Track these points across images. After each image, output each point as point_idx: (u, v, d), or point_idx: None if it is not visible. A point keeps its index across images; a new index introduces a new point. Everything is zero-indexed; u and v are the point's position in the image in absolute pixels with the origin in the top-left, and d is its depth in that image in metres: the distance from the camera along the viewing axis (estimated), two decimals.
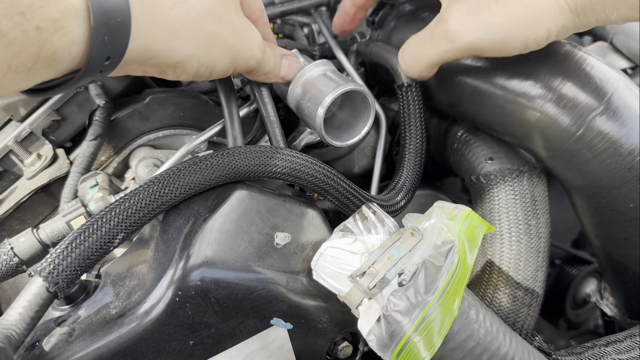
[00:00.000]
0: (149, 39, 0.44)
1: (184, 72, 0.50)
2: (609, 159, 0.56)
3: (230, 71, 0.54)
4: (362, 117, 0.62)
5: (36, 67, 0.36)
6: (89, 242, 0.45)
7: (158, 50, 0.45)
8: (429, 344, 0.45)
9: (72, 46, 0.38)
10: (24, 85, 0.39)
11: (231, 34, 0.51)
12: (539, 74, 0.58)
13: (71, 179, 0.63)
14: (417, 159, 0.69)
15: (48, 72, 0.38)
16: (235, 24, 0.52)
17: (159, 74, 0.50)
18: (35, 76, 0.38)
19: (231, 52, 0.52)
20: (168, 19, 0.45)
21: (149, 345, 0.46)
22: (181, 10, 0.46)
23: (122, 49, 0.41)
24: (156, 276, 0.48)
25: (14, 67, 0.35)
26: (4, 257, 0.52)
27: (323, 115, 0.57)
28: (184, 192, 0.49)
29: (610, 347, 0.56)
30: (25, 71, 0.36)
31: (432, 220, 0.50)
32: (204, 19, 0.48)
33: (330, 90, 0.57)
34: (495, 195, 0.68)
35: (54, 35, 0.36)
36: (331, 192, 0.55)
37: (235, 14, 0.52)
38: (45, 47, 0.36)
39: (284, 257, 0.52)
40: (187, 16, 0.46)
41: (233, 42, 0.52)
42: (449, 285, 0.46)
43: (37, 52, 0.35)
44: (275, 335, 0.53)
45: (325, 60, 0.62)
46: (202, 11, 0.47)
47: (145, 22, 0.42)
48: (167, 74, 0.50)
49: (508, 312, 0.67)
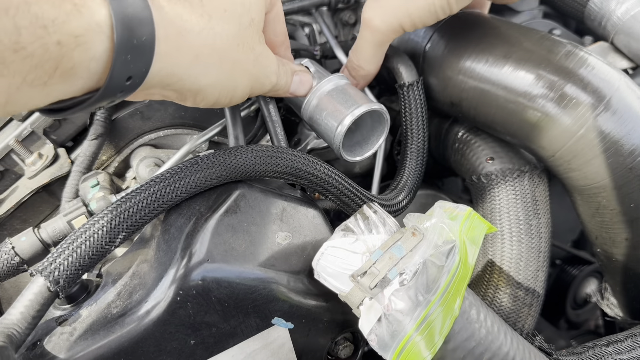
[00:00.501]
0: (173, 63, 0.42)
1: (204, 100, 0.49)
2: (610, 159, 0.56)
3: (247, 96, 0.54)
4: (376, 131, 0.63)
5: (52, 82, 0.35)
6: (91, 241, 0.45)
7: (181, 75, 0.44)
8: (430, 343, 0.45)
9: (92, 62, 0.36)
10: (39, 102, 0.37)
11: (252, 62, 0.51)
12: (540, 74, 0.58)
13: (72, 179, 0.63)
14: (419, 159, 0.69)
15: (64, 87, 0.37)
16: (257, 51, 0.51)
17: (179, 100, 0.49)
18: (51, 92, 0.36)
19: (250, 79, 0.52)
20: (194, 44, 0.43)
21: (150, 344, 0.46)
22: (208, 36, 0.44)
23: (145, 70, 0.40)
24: (157, 275, 0.48)
25: (29, 81, 0.34)
26: (5, 257, 0.52)
27: (343, 135, 0.57)
28: (185, 191, 0.49)
29: (611, 347, 0.56)
30: (40, 85, 0.34)
31: (433, 220, 0.50)
32: (230, 45, 0.47)
33: (352, 110, 0.57)
34: (496, 195, 0.68)
35: (75, 50, 0.34)
36: (332, 192, 0.55)
37: (257, 41, 0.51)
38: (64, 61, 0.34)
39: (285, 257, 0.52)
40: (213, 43, 0.45)
41: (253, 69, 0.51)
42: (450, 284, 0.46)
43: (54, 67, 0.34)
44: (276, 335, 0.53)
45: (341, 74, 0.63)
46: (228, 37, 0.46)
47: (170, 46, 0.41)
48: (187, 100, 0.49)
49: (509, 312, 0.67)
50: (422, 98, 0.68)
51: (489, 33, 0.63)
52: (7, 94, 0.33)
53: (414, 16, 0.59)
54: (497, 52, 0.61)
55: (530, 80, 0.59)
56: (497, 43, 0.62)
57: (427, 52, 0.69)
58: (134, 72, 0.39)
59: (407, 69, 0.67)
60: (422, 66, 0.70)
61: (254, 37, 0.50)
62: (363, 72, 0.67)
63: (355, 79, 0.68)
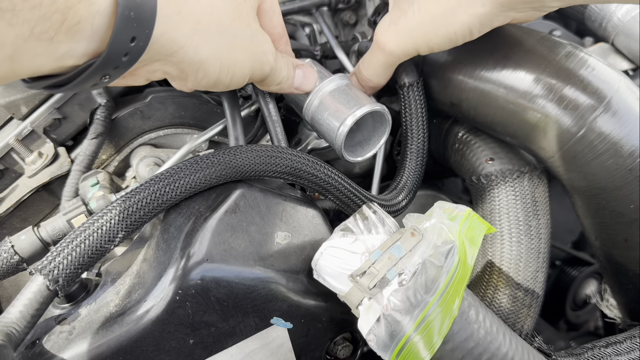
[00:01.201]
0: (174, 28, 0.43)
1: (206, 76, 0.49)
2: (609, 160, 0.56)
3: (247, 78, 0.54)
4: (377, 132, 0.63)
5: (58, 38, 0.35)
6: (90, 240, 0.45)
7: (183, 43, 0.44)
8: (429, 343, 0.45)
9: (96, 17, 0.36)
10: (44, 60, 0.37)
11: (250, 37, 0.51)
12: (541, 75, 0.58)
13: (72, 178, 0.63)
14: (419, 159, 0.69)
15: (69, 46, 0.37)
16: (253, 27, 0.52)
17: (180, 78, 0.49)
18: (57, 50, 0.36)
19: (250, 56, 0.52)
20: (193, 10, 0.44)
21: (149, 343, 0.46)
22: (207, 4, 0.46)
23: (148, 32, 0.40)
24: (157, 275, 0.48)
25: (37, 34, 0.34)
26: (5, 255, 0.52)
27: (345, 135, 0.58)
28: (184, 191, 0.49)
29: (610, 349, 0.56)
30: (47, 40, 0.35)
31: (433, 221, 0.50)
32: (228, 18, 0.48)
33: (354, 111, 0.57)
34: (495, 195, 0.68)
35: (81, 2, 0.35)
36: (332, 192, 0.55)
37: (253, 18, 0.52)
38: (70, 14, 0.35)
39: (284, 257, 0.52)
40: (212, 12, 0.46)
41: (251, 46, 0.52)
42: (449, 285, 0.46)
43: (60, 20, 0.34)
44: (275, 335, 0.53)
45: (343, 74, 0.63)
46: (226, 10, 0.47)
47: (171, 9, 0.42)
48: (188, 77, 0.49)
49: (508, 313, 0.67)
50: (422, 98, 0.68)
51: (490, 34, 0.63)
52: (14, 46, 0.34)
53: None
54: (498, 52, 0.61)
55: (530, 81, 0.58)
56: (498, 44, 0.62)
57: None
58: (138, 33, 0.39)
59: (407, 70, 0.67)
60: (422, 67, 0.70)
61: (250, 14, 0.51)
62: (372, 84, 0.66)
63: (364, 88, 0.68)
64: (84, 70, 0.39)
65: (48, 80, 0.41)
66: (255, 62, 0.53)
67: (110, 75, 0.41)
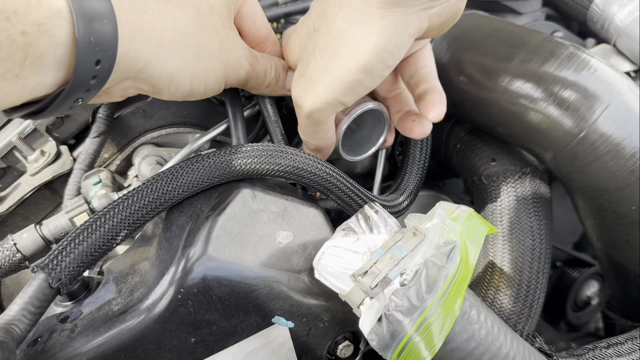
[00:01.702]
0: (138, 46, 0.43)
1: (179, 89, 0.49)
2: (611, 161, 0.56)
3: (222, 84, 0.54)
4: (375, 131, 0.63)
5: (24, 73, 0.36)
6: (92, 239, 0.45)
7: (149, 59, 0.45)
8: (430, 344, 0.45)
9: (58, 48, 0.37)
10: (15, 97, 0.38)
11: (218, 45, 0.51)
12: (542, 76, 0.58)
13: (74, 176, 0.63)
14: (421, 160, 0.69)
15: (37, 79, 0.38)
16: (221, 35, 0.51)
17: (154, 93, 0.50)
18: (25, 85, 0.37)
19: (221, 63, 0.52)
20: (156, 26, 0.44)
21: (151, 342, 0.47)
22: (169, 19, 0.46)
23: (112, 53, 0.40)
24: (158, 273, 0.48)
25: (2, 73, 0.35)
26: (7, 253, 0.52)
27: (342, 133, 0.58)
28: (187, 189, 0.49)
29: (611, 349, 0.56)
30: (13, 78, 0.36)
31: (435, 221, 0.51)
32: (192, 29, 0.48)
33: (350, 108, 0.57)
34: (497, 196, 0.68)
35: (40, 38, 0.36)
36: (334, 191, 0.56)
37: (221, 26, 0.52)
38: (31, 50, 0.36)
39: (286, 256, 0.52)
40: (175, 26, 0.46)
41: (221, 53, 0.51)
42: (450, 285, 0.46)
43: (22, 57, 0.35)
44: (276, 334, 0.53)
45: None
46: (189, 21, 0.48)
47: (132, 28, 0.42)
48: (162, 91, 0.49)
49: (509, 314, 0.67)
50: None
51: (492, 34, 0.64)
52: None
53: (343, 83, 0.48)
54: (500, 53, 0.61)
55: (532, 82, 0.59)
56: (500, 44, 0.62)
57: None
58: (102, 56, 0.39)
59: None
60: None
61: (217, 22, 0.51)
62: (311, 146, 0.59)
63: (320, 155, 0.60)
64: (55, 98, 0.40)
65: (24, 110, 0.42)
66: (228, 68, 0.53)
67: (83, 98, 0.42)
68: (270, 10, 0.81)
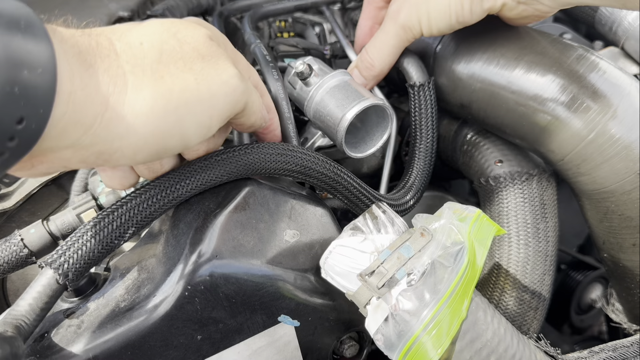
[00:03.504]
0: (79, 109, 0.34)
1: (139, 151, 0.40)
2: (619, 163, 0.56)
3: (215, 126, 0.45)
4: (380, 127, 0.63)
5: None
6: (101, 235, 0.45)
7: (90, 124, 0.35)
8: (437, 344, 0.45)
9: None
10: None
11: (194, 81, 0.42)
12: (551, 77, 0.58)
13: (81, 172, 0.63)
14: (427, 159, 0.69)
15: None
16: (196, 69, 0.42)
17: (103, 163, 0.40)
18: None
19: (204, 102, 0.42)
20: (102, 81, 0.36)
21: (157, 339, 0.47)
22: (122, 68, 0.37)
23: (44, 112, 0.31)
24: (166, 270, 0.48)
25: None
26: (14, 248, 0.52)
27: (345, 129, 0.58)
28: (195, 187, 0.49)
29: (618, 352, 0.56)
30: None
31: (442, 221, 0.50)
32: (157, 71, 0.39)
33: (354, 104, 0.57)
34: (504, 198, 0.68)
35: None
36: (341, 191, 0.55)
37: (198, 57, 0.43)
38: None
39: (293, 255, 0.52)
40: (133, 70, 0.38)
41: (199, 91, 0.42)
42: (457, 286, 0.46)
43: None
44: (282, 332, 0.53)
45: (344, 70, 0.63)
46: (152, 59, 0.39)
47: (75, 84, 0.34)
48: (117, 159, 0.40)
49: (514, 315, 0.67)
50: (432, 99, 0.68)
51: (501, 35, 0.63)
52: None
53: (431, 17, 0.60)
54: (509, 54, 0.61)
55: (541, 83, 0.58)
56: (509, 45, 0.62)
57: (437, 53, 0.69)
58: (27, 113, 0.30)
59: (418, 70, 0.67)
60: (432, 67, 0.70)
61: (192, 55, 0.42)
62: (375, 71, 0.67)
63: (366, 79, 0.68)
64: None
65: None
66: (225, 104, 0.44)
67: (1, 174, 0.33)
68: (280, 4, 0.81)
